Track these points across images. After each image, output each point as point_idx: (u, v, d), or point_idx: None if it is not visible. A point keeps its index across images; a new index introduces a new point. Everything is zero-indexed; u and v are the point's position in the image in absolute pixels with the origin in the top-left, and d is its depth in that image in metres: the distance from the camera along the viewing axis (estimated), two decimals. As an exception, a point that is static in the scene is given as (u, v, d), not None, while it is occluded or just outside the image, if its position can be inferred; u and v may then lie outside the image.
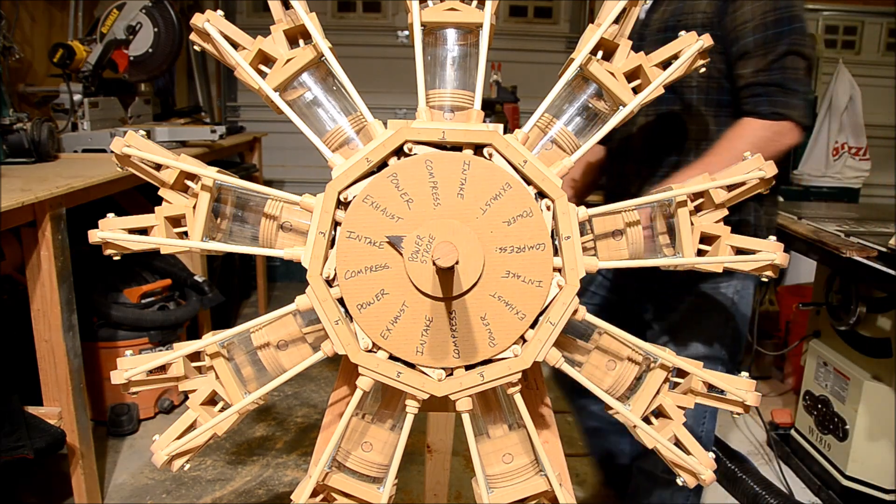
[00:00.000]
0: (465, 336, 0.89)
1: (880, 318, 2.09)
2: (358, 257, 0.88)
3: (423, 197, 0.88)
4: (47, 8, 3.07)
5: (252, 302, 4.21)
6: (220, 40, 0.93)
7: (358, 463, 0.96)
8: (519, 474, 0.95)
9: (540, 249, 0.89)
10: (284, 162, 4.72)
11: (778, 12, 1.29)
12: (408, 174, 0.88)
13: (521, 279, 0.88)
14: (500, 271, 0.88)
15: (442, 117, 0.96)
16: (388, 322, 0.88)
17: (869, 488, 2.14)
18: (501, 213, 0.88)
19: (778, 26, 1.29)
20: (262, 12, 4.66)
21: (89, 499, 1.97)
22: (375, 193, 0.88)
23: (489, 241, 0.88)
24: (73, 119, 2.61)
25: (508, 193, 0.88)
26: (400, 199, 0.88)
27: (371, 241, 0.88)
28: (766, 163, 0.94)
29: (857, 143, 4.24)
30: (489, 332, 0.89)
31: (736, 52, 1.34)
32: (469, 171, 0.88)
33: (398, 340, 0.89)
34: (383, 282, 0.88)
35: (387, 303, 0.88)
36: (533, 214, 0.88)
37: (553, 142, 0.98)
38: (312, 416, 2.78)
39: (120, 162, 0.95)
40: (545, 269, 0.89)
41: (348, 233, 0.88)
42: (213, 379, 0.98)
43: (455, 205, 0.88)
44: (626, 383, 0.98)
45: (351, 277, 0.88)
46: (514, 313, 0.89)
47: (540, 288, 0.89)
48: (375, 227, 0.88)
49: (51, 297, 1.78)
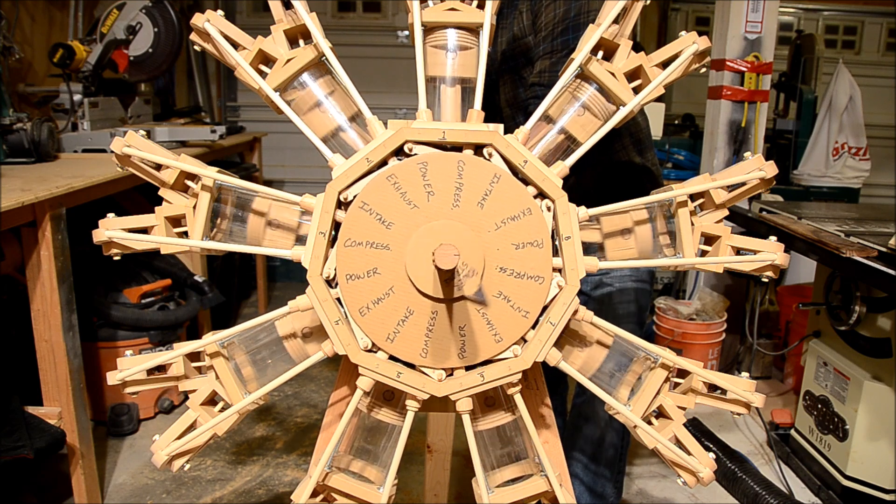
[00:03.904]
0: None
1: (880, 318, 2.09)
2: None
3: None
4: (47, 8, 3.07)
5: (252, 302, 4.21)
6: (220, 40, 0.93)
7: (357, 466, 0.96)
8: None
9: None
10: (284, 162, 4.72)
11: (566, 21, 1.37)
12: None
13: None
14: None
15: (445, 57, 0.95)
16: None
17: (869, 488, 2.14)
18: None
19: (564, 34, 1.38)
20: (262, 12, 4.66)
21: (89, 499, 1.97)
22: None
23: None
24: (73, 119, 2.61)
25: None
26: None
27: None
28: (767, 163, 0.94)
29: (857, 143, 4.24)
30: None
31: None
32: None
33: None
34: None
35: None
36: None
37: (584, 107, 0.98)
38: (312, 416, 2.78)
39: (120, 162, 0.95)
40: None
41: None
42: (213, 379, 0.98)
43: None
44: (596, 364, 0.98)
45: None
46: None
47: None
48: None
49: (51, 297, 1.78)
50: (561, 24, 1.38)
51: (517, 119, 1.59)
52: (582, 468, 1.69)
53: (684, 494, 2.30)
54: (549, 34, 1.40)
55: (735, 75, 3.19)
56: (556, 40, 1.39)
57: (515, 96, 1.57)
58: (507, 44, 1.54)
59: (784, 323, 3.26)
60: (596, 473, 1.68)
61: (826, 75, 4.56)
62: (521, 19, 1.49)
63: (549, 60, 1.40)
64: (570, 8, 1.37)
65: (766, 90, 3.23)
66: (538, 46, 1.44)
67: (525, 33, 1.49)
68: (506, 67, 1.57)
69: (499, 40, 1.56)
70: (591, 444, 1.68)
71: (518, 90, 1.56)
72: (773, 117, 4.69)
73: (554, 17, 1.39)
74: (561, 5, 1.38)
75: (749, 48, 3.18)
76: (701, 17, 5.73)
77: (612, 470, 1.69)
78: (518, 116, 1.58)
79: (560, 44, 1.38)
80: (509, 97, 1.59)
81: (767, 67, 3.20)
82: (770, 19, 3.17)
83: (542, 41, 1.42)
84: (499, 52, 1.56)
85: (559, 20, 1.38)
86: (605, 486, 1.69)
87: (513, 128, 0.91)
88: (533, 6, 1.46)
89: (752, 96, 3.20)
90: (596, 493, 1.69)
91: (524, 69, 1.52)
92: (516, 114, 1.59)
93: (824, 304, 2.31)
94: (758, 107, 3.22)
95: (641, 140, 1.58)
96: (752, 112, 3.23)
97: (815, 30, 5.54)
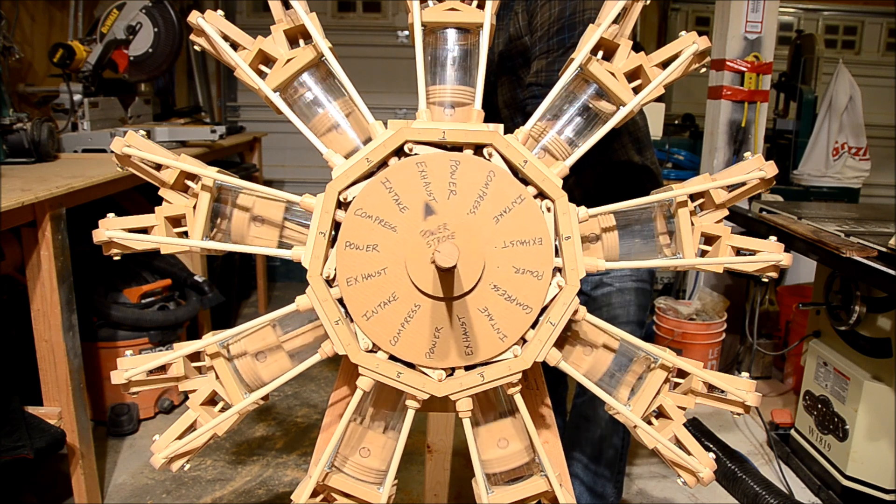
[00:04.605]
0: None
1: (880, 318, 2.09)
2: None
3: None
4: (47, 8, 3.07)
5: (252, 302, 4.21)
6: (219, 40, 0.93)
7: (356, 469, 0.96)
8: (514, 459, 0.96)
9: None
10: (284, 162, 4.72)
11: (562, 21, 1.38)
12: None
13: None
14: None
15: (443, 114, 0.96)
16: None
17: (869, 488, 2.14)
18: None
19: (560, 34, 1.38)
20: (262, 12, 4.66)
21: (89, 499, 1.97)
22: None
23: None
24: (73, 119, 2.61)
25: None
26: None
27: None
28: (767, 163, 0.94)
29: (857, 143, 4.24)
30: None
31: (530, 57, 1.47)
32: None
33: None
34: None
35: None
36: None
37: (545, 150, 0.99)
38: (312, 416, 2.78)
39: (120, 162, 0.95)
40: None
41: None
42: (213, 379, 0.98)
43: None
44: (603, 368, 0.98)
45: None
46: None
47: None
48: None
49: (51, 297, 1.78)
50: (556, 24, 1.38)
51: (515, 120, 1.59)
52: (582, 468, 1.69)
53: (684, 494, 2.30)
54: (545, 34, 1.40)
55: (735, 75, 3.19)
56: (552, 40, 1.39)
57: (513, 97, 1.57)
58: (504, 45, 1.54)
59: (784, 323, 3.26)
60: (596, 473, 1.69)
61: (826, 75, 4.56)
62: (517, 20, 1.49)
63: (545, 60, 1.40)
64: (565, 7, 1.37)
65: (766, 90, 3.23)
66: (534, 46, 1.44)
67: (521, 34, 1.49)
68: (503, 68, 1.57)
69: (496, 41, 1.57)
70: (592, 444, 1.68)
71: (516, 91, 1.56)
72: (773, 117, 4.69)
73: (549, 16, 1.40)
74: (556, 5, 1.39)
75: (749, 48, 3.18)
76: (701, 17, 5.73)
77: (613, 470, 1.70)
78: (516, 117, 1.58)
79: (556, 43, 1.38)
80: (507, 98, 1.59)
81: (767, 67, 3.20)
82: (770, 19, 3.17)
83: (538, 41, 1.42)
84: (496, 53, 1.56)
85: (555, 20, 1.38)
86: (605, 486, 1.69)
87: (511, 129, 0.91)
88: (528, 6, 1.46)
89: (752, 96, 3.20)
90: (596, 494, 1.69)
91: (521, 70, 1.52)
92: (514, 114, 1.59)
93: (824, 304, 2.31)
94: (758, 107, 3.22)
95: (640, 139, 1.58)
96: (752, 112, 3.23)
97: (815, 30, 5.54)
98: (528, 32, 1.47)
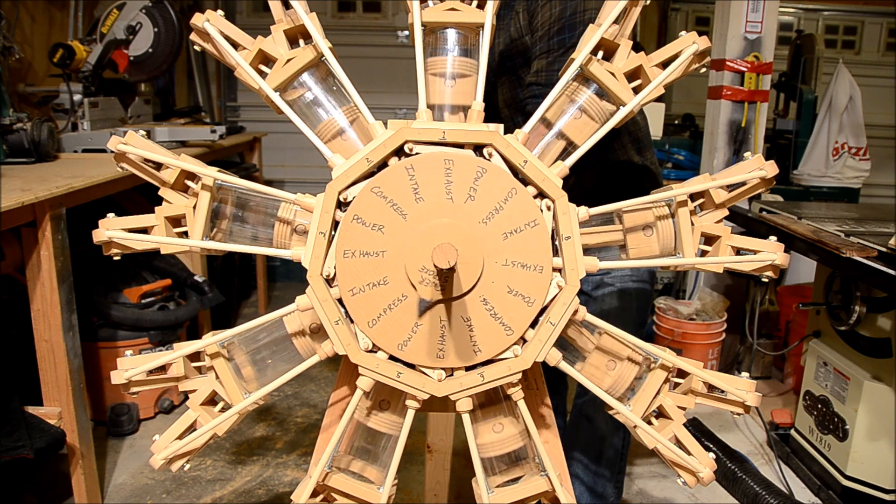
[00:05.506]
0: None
1: (880, 318, 2.09)
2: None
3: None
4: (47, 8, 3.07)
5: (252, 302, 4.21)
6: (220, 40, 0.93)
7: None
8: (510, 443, 0.96)
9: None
10: (284, 162, 4.72)
11: (562, 21, 1.38)
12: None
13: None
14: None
15: (444, 85, 0.95)
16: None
17: (869, 488, 2.14)
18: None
19: (560, 34, 1.38)
20: (262, 12, 4.66)
21: (89, 499, 1.97)
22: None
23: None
24: (73, 119, 2.61)
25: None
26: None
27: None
28: (767, 163, 0.94)
29: (857, 143, 4.24)
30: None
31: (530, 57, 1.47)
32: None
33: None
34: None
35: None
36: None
37: (581, 110, 0.98)
38: (312, 416, 2.78)
39: (119, 161, 0.95)
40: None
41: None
42: (213, 379, 0.98)
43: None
44: (626, 383, 0.98)
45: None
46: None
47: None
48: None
49: (51, 297, 1.78)
50: (557, 24, 1.38)
51: (516, 120, 1.59)
52: (582, 468, 1.69)
53: (684, 494, 2.30)
54: (546, 34, 1.40)
55: (735, 75, 3.19)
56: (553, 39, 1.39)
57: (514, 97, 1.57)
58: (505, 45, 1.54)
59: (784, 323, 3.26)
60: (596, 474, 1.69)
61: (826, 75, 4.56)
62: (517, 20, 1.49)
63: (545, 60, 1.40)
64: (565, 7, 1.38)
65: (766, 90, 3.23)
66: (535, 46, 1.44)
67: (522, 34, 1.49)
68: (503, 68, 1.57)
69: (496, 41, 1.57)
70: (592, 444, 1.68)
71: (516, 91, 1.56)
72: (773, 117, 4.69)
73: (550, 16, 1.40)
74: (556, 5, 1.39)
75: (749, 48, 3.18)
76: (701, 17, 5.73)
77: (613, 470, 1.70)
78: (517, 117, 1.58)
79: (556, 43, 1.38)
80: (507, 98, 1.59)
81: (767, 67, 3.20)
82: (770, 19, 3.17)
83: (538, 41, 1.42)
84: (496, 53, 1.56)
85: (555, 19, 1.39)
86: (605, 486, 1.69)
87: (512, 129, 0.91)
88: (529, 6, 1.46)
89: (752, 96, 3.20)
90: (596, 494, 1.69)
91: (522, 70, 1.52)
92: (515, 114, 1.59)
93: (824, 304, 2.31)
94: (758, 107, 3.22)
95: (640, 139, 1.58)
96: (752, 112, 3.23)
97: (815, 30, 5.54)
98: (528, 32, 1.47)
